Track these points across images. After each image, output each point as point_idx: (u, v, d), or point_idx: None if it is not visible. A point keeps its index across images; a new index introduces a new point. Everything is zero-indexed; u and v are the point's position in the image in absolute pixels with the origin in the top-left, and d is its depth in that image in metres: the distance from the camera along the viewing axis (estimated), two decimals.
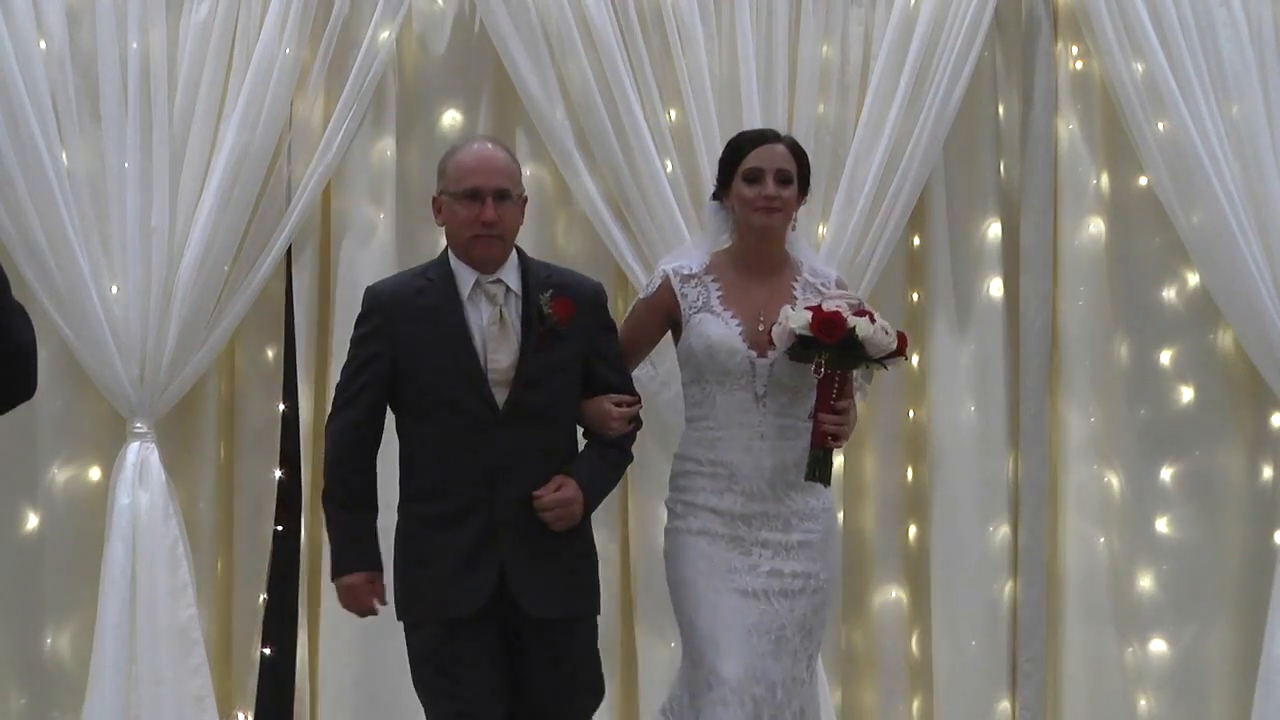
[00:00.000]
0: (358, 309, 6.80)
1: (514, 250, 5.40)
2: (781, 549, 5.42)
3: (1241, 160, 6.60)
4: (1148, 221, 6.66)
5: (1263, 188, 6.57)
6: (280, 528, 6.78)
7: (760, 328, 5.43)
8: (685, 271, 5.55)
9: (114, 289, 6.51)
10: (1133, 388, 6.72)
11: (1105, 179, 6.70)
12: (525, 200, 5.43)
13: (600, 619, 5.89)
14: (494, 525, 5.24)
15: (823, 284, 5.52)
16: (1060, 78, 6.69)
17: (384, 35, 6.56)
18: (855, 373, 5.40)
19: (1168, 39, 6.63)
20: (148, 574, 6.49)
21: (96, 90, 6.54)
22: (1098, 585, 6.68)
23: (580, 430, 5.45)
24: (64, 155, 6.50)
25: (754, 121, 6.53)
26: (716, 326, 5.44)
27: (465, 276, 5.32)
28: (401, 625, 5.58)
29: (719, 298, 5.50)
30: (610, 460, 5.49)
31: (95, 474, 6.64)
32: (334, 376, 6.54)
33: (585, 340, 5.37)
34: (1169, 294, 6.66)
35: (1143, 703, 6.78)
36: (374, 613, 5.35)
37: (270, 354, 6.72)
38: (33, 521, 6.61)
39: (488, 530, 5.24)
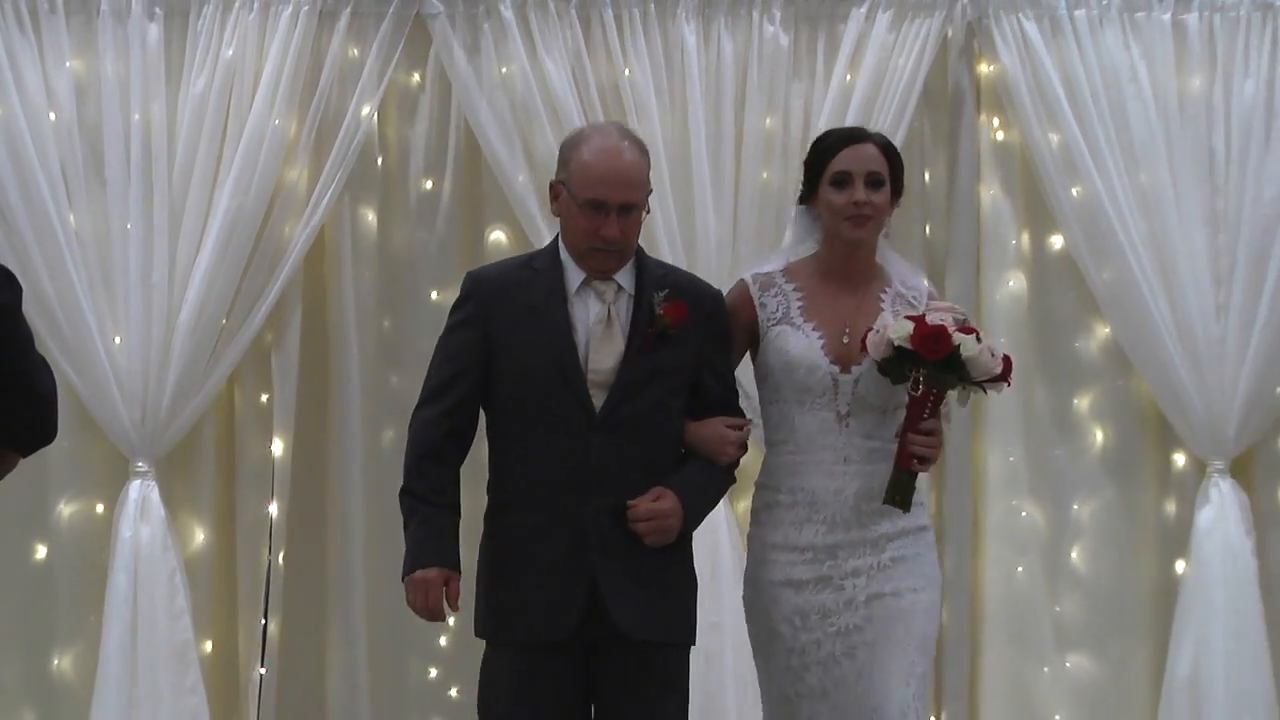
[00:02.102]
0: (345, 359, 6.81)
1: None
2: (875, 569, 4.85)
3: (1148, 222, 6.70)
4: (1063, 278, 6.78)
5: (1168, 247, 6.69)
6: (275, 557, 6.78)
7: (845, 341, 4.87)
8: (764, 274, 5.00)
9: (117, 339, 6.63)
10: (1049, 429, 6.82)
11: (1024, 239, 6.83)
12: (650, 190, 4.82)
13: None
14: (585, 538, 4.67)
15: (914, 297, 4.99)
16: (983, 146, 6.82)
17: (365, 110, 6.69)
18: (950, 394, 4.85)
19: (1081, 111, 6.74)
20: (148, 601, 6.58)
21: (102, 158, 6.65)
22: (1017, 611, 6.78)
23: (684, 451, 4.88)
24: (72, 217, 6.62)
25: (704, 188, 6.62)
26: (796, 340, 4.88)
27: (574, 271, 4.76)
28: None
29: (800, 308, 4.93)
30: (715, 478, 4.88)
31: (99, 509, 6.76)
32: (332, 418, 6.78)
33: (696, 348, 4.79)
34: (1082, 344, 6.78)
35: (1058, 718, 6.85)
36: (443, 617, 4.73)
37: (264, 398, 6.78)
38: (41, 552, 6.75)
39: (578, 544, 4.67)
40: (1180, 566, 6.80)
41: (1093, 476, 6.88)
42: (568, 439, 4.65)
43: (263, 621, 6.74)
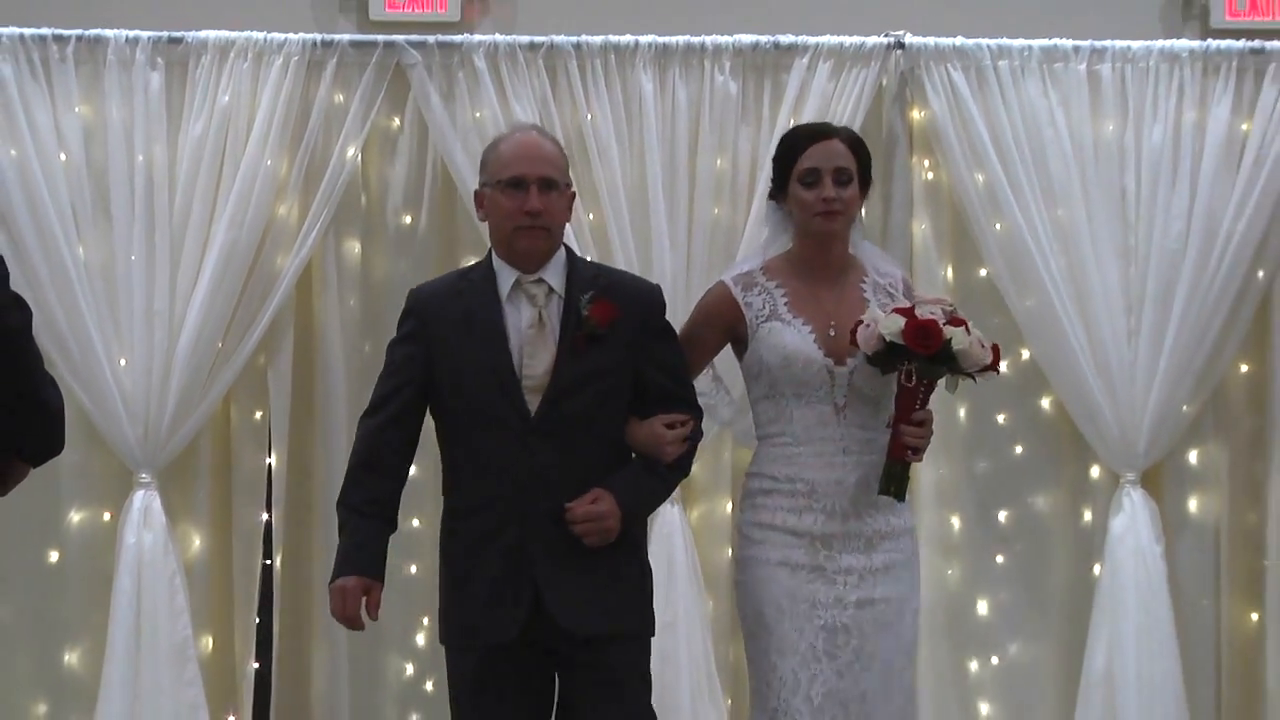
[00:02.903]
0: (334, 378, 6.82)
1: (563, 248, 4.73)
2: (868, 573, 4.73)
3: (1066, 254, 6.81)
4: (988, 305, 6.84)
5: (1083, 277, 6.80)
6: (268, 561, 6.90)
7: (832, 334, 4.77)
8: (744, 274, 4.86)
9: (122, 361, 6.76)
10: (973, 444, 6.92)
11: (951, 270, 6.91)
12: (573, 194, 4.77)
13: None
14: (526, 543, 4.57)
15: (890, 285, 4.88)
16: (915, 185, 6.90)
17: (350, 151, 6.81)
18: (939, 383, 4.73)
19: (1004, 153, 6.84)
20: (150, 601, 6.70)
21: (108, 195, 6.77)
22: (945, 609, 6.88)
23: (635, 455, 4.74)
24: (80, 249, 6.75)
25: (660, 223, 6.72)
26: (790, 335, 4.76)
27: (506, 276, 4.67)
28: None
29: (786, 304, 4.80)
30: (658, 474, 4.72)
31: (106, 517, 6.88)
32: (320, 432, 6.87)
33: (633, 346, 4.65)
34: (1004, 366, 6.63)
35: (984, 708, 6.98)
36: (360, 626, 4.68)
37: (258, 415, 6.91)
38: (54, 557, 6.89)
39: (521, 548, 4.57)
40: (1096, 569, 6.91)
41: (1015, 487, 6.99)
42: (508, 444, 4.56)
43: (256, 620, 6.86)
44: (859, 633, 4.70)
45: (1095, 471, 7.04)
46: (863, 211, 4.91)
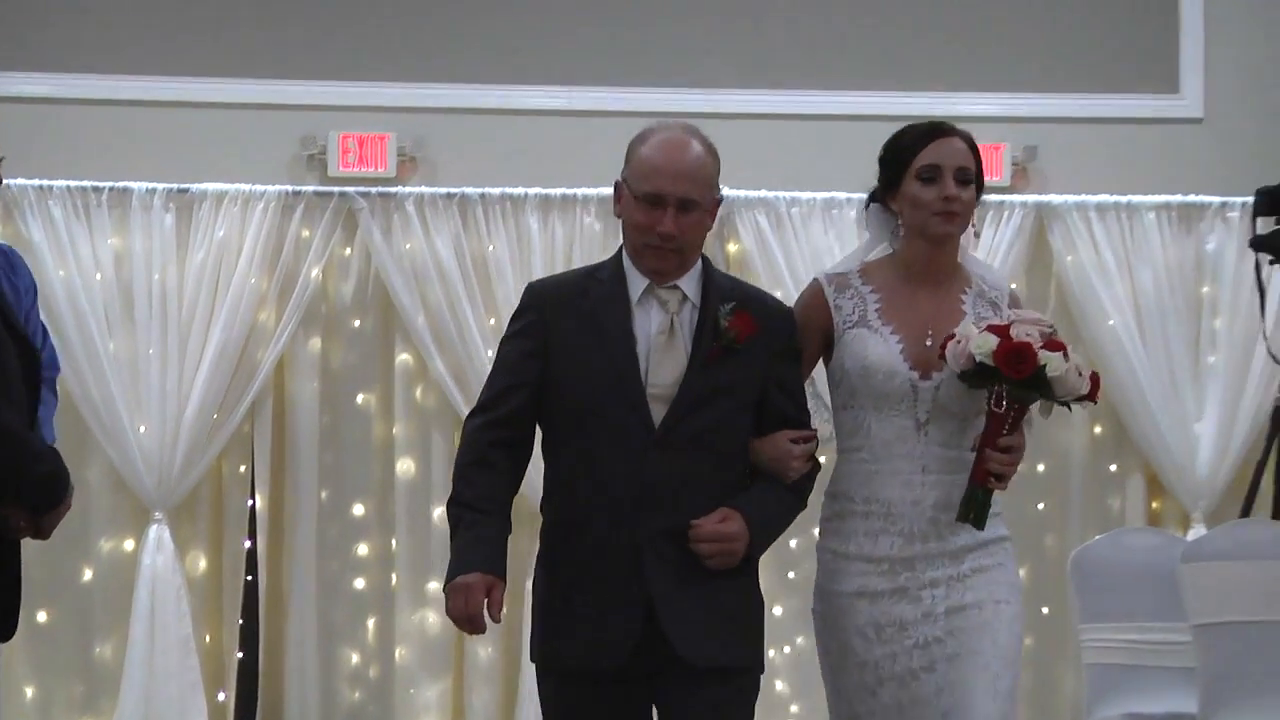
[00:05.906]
0: (302, 441, 7.87)
1: (700, 259, 4.19)
2: (955, 581, 4.24)
3: None
4: None
5: None
6: (249, 577, 7.92)
7: (929, 344, 4.24)
8: (839, 275, 4.36)
9: (142, 428, 7.77)
10: None
11: None
12: (718, 202, 4.17)
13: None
14: (639, 561, 4.03)
15: (996, 297, 4.36)
16: None
17: (314, 272, 7.89)
18: (1032, 406, 4.19)
19: (795, 277, 7.74)
20: (161, 608, 7.68)
21: (132, 304, 7.80)
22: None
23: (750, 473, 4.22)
24: (111, 345, 7.78)
25: None
26: (874, 344, 4.26)
27: (637, 279, 4.12)
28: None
29: (877, 310, 4.29)
30: (785, 502, 4.20)
31: (129, 544, 7.86)
32: (290, 481, 7.88)
33: (764, 364, 4.14)
34: None
35: (778, 685, 8.01)
36: (482, 626, 4.02)
37: (242, 468, 7.95)
38: (88, 575, 7.86)
39: (632, 566, 4.03)
40: None
41: None
42: (624, 455, 4.07)
43: (240, 622, 7.89)
44: (952, 640, 4.23)
45: None
46: (974, 217, 4.42)
